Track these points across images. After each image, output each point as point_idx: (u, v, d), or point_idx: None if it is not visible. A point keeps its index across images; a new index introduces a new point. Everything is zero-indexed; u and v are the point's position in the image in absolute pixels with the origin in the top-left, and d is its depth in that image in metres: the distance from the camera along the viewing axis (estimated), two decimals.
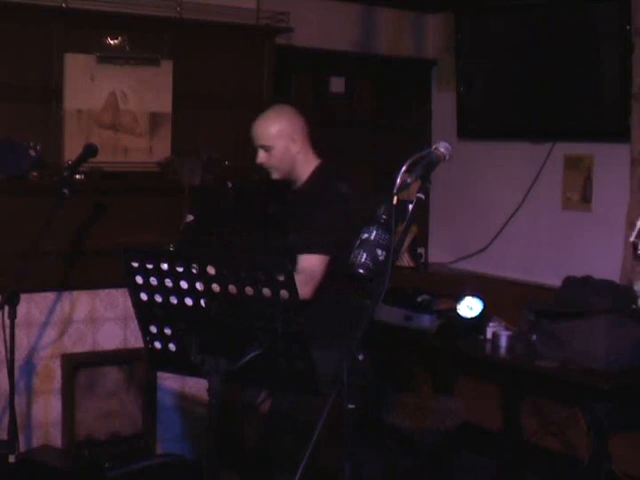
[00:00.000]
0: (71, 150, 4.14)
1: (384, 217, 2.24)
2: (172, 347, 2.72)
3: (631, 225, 4.43)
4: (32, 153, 4.07)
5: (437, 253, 5.86)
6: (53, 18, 4.23)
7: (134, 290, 2.68)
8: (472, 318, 4.58)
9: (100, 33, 4.32)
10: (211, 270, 2.53)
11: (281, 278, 2.45)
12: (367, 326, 2.14)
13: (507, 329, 4.50)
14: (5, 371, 3.56)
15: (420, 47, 5.81)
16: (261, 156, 3.51)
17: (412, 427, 4.28)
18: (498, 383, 4.59)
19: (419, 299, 4.78)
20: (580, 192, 4.96)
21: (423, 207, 2.20)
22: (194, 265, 2.54)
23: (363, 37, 5.53)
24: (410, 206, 2.23)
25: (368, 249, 2.23)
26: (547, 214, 5.18)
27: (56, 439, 4.37)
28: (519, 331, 4.36)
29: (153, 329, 2.72)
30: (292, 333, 2.51)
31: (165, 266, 2.58)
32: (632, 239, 2.43)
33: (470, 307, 4.60)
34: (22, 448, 3.89)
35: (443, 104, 5.75)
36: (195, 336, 2.63)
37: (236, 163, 4.50)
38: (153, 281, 2.62)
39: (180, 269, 2.57)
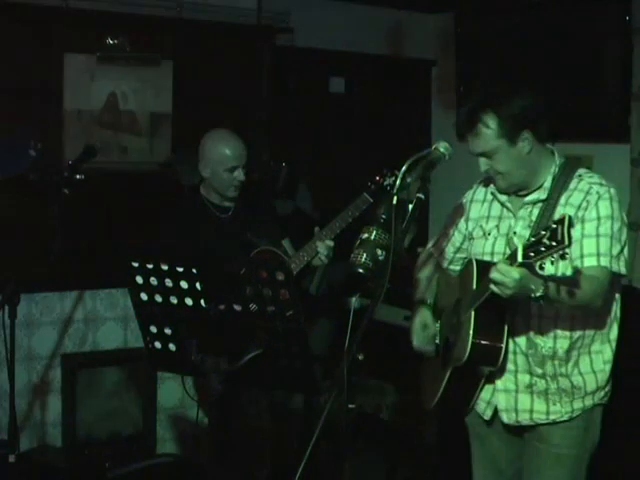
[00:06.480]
0: (71, 150, 4.14)
1: (384, 217, 2.23)
2: (172, 347, 2.72)
3: (631, 225, 4.42)
4: (32, 153, 4.06)
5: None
6: (53, 18, 4.23)
7: (134, 290, 2.68)
8: None
9: (100, 33, 4.33)
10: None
11: (280, 278, 2.45)
12: (367, 326, 2.14)
13: None
14: (5, 371, 3.55)
15: (420, 47, 5.81)
16: (242, 175, 3.58)
17: (412, 427, 4.28)
18: None
19: None
20: None
21: (423, 207, 2.19)
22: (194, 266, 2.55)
23: (363, 37, 5.52)
24: (410, 206, 2.23)
25: (368, 249, 2.23)
26: None
27: (56, 439, 4.37)
28: None
29: (153, 329, 2.72)
30: (292, 332, 2.51)
31: (165, 266, 2.59)
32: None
33: None
34: (22, 448, 3.88)
35: (443, 104, 5.74)
36: (195, 336, 2.63)
37: None
38: (153, 281, 2.62)
39: (180, 269, 2.57)
